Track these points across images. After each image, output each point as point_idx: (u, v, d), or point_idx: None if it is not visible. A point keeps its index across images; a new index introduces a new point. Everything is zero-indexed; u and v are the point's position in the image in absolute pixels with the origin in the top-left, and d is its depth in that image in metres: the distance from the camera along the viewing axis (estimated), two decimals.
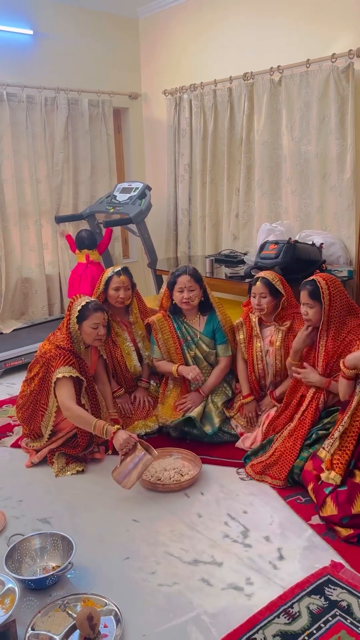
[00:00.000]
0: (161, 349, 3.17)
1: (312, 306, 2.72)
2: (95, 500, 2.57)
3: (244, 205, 4.67)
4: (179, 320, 3.19)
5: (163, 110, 5.38)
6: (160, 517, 2.43)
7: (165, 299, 3.20)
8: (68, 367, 2.73)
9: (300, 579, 2.02)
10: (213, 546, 2.23)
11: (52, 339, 2.90)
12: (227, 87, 4.63)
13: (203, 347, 3.16)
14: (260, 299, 3.00)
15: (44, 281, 5.11)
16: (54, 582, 2.02)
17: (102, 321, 2.85)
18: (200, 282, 3.13)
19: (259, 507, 2.48)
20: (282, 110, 4.25)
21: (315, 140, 4.06)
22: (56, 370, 2.71)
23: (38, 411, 2.84)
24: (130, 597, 1.97)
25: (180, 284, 3.08)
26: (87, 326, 2.80)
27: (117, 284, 3.17)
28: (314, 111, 4.03)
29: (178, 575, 2.07)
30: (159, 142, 5.61)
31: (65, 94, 4.94)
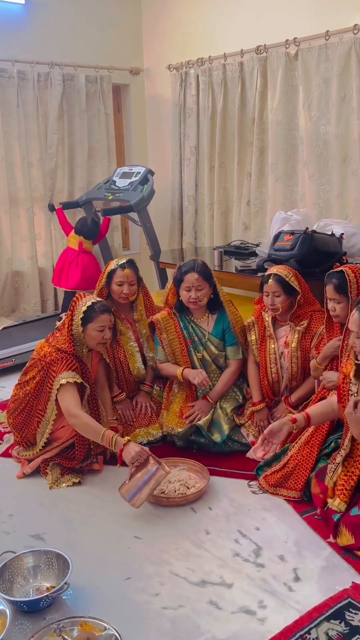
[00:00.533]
0: (165, 350, 3.17)
1: (340, 301, 2.70)
2: (94, 514, 2.58)
3: (256, 191, 4.66)
4: (185, 319, 3.19)
5: (167, 87, 5.37)
6: (164, 533, 2.43)
7: (171, 296, 3.20)
8: (71, 372, 2.74)
9: (318, 602, 2.02)
10: (222, 566, 2.23)
11: (52, 340, 2.91)
12: (238, 62, 4.63)
13: (212, 349, 3.16)
14: (274, 298, 2.99)
15: (37, 275, 5.12)
16: (49, 604, 2.03)
17: (108, 324, 2.85)
18: (209, 280, 3.11)
19: (273, 523, 2.48)
20: (298, 86, 4.25)
21: (335, 120, 4.05)
22: (58, 375, 2.72)
23: (33, 417, 2.85)
24: (132, 620, 1.97)
25: (188, 282, 3.07)
26: (91, 329, 2.80)
27: (121, 278, 3.17)
28: (333, 88, 4.02)
29: (184, 597, 2.08)
30: (162, 122, 5.61)
31: (60, 69, 4.95)
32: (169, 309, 3.22)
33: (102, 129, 5.30)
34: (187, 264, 3.12)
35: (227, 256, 4.36)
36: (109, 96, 5.33)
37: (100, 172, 5.35)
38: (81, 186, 5.25)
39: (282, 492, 2.63)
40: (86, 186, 5.27)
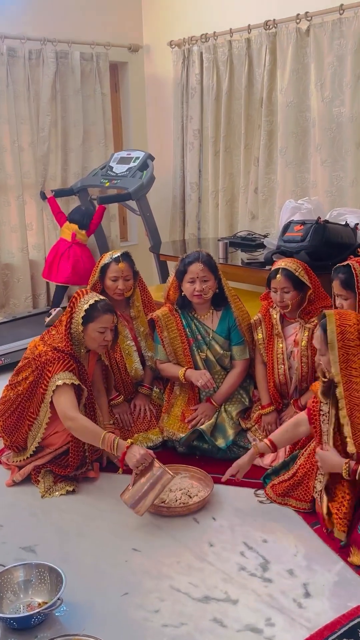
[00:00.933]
0: (166, 350, 3.17)
1: (347, 297, 2.71)
2: (89, 525, 2.58)
3: (264, 178, 4.66)
4: (188, 316, 3.19)
5: (169, 65, 5.37)
6: (165, 545, 2.44)
7: (173, 290, 3.20)
8: (68, 372, 2.74)
9: (329, 619, 2.02)
10: (227, 580, 2.24)
11: (47, 339, 2.90)
12: (245, 38, 4.62)
13: (216, 349, 3.16)
14: (283, 294, 2.99)
15: (28, 268, 5.13)
16: (41, 621, 2.03)
17: (110, 325, 2.84)
18: (215, 272, 3.12)
19: (281, 535, 2.48)
20: (310, 65, 4.24)
21: (349, 101, 4.04)
22: (54, 376, 2.72)
23: (24, 420, 2.86)
24: (129, 639, 1.97)
25: (192, 273, 3.06)
26: (92, 329, 2.80)
27: (116, 272, 3.17)
28: (348, 66, 4.01)
29: (186, 614, 2.08)
30: (163, 103, 5.60)
31: (53, 45, 4.94)
32: (170, 305, 3.22)
33: (98, 110, 5.30)
34: (190, 255, 3.12)
35: (232, 248, 4.36)
36: (105, 75, 5.32)
37: (96, 157, 5.35)
38: (75, 172, 5.25)
39: (291, 503, 2.64)
40: (81, 172, 5.27)
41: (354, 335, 2.28)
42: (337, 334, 2.29)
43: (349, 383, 2.27)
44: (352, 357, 2.27)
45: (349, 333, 2.29)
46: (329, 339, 2.30)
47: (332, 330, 2.30)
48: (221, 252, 4.16)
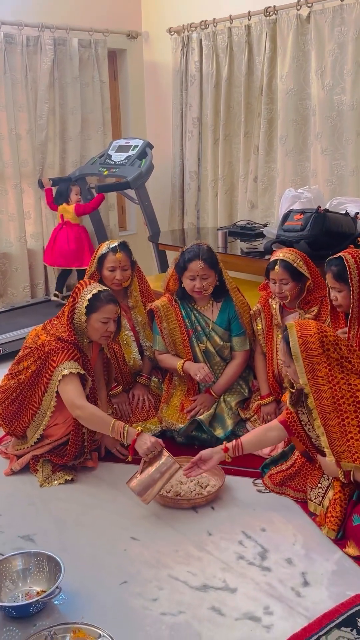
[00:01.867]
0: (165, 340, 3.17)
1: (341, 289, 2.71)
2: (87, 514, 2.59)
3: (264, 166, 4.64)
4: (188, 307, 3.18)
5: (168, 53, 5.33)
6: (163, 535, 2.45)
7: (173, 282, 3.19)
8: (73, 362, 2.74)
9: (328, 608, 2.04)
10: (225, 569, 2.25)
11: (50, 328, 2.90)
12: (244, 25, 4.59)
13: (216, 340, 3.15)
14: (281, 285, 2.98)
15: (26, 257, 5.12)
16: (39, 609, 2.04)
17: (113, 315, 2.83)
18: (215, 267, 3.09)
19: (280, 524, 2.49)
20: (310, 52, 4.21)
21: (350, 88, 4.02)
22: (60, 365, 2.72)
23: (27, 410, 2.86)
24: (128, 627, 1.99)
25: (192, 271, 3.04)
26: (95, 320, 2.79)
27: (113, 263, 3.16)
28: (349, 54, 3.99)
29: (184, 602, 2.09)
30: (162, 90, 5.57)
31: (51, 32, 4.90)
32: (170, 295, 3.20)
33: (97, 98, 5.27)
34: (191, 250, 3.08)
35: (232, 237, 4.35)
36: (104, 62, 5.29)
37: (94, 145, 5.33)
38: (74, 160, 5.23)
39: (289, 492, 2.65)
40: (79, 160, 5.25)
41: (315, 344, 2.29)
42: (300, 345, 2.30)
43: (318, 392, 2.28)
44: (317, 365, 2.28)
45: (311, 343, 2.29)
46: (292, 351, 2.31)
47: (294, 342, 2.31)
48: (220, 241, 4.15)
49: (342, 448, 2.24)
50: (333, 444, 2.26)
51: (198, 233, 5.05)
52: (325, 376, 2.27)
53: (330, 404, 2.26)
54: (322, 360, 2.28)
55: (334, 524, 2.35)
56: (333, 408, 2.25)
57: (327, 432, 2.26)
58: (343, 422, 2.24)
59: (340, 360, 2.30)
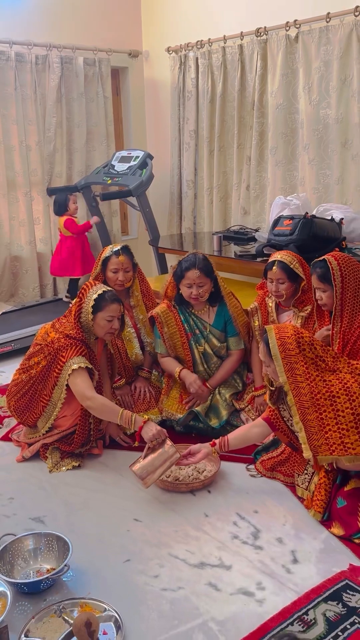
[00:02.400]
0: (166, 344, 3.13)
1: (325, 290, 2.70)
2: (93, 497, 2.59)
3: (255, 176, 4.64)
4: (186, 312, 3.14)
5: (166, 70, 5.32)
6: (163, 516, 2.45)
7: (171, 289, 3.15)
8: (81, 357, 2.74)
9: (315, 583, 2.04)
10: (221, 548, 2.25)
11: (59, 326, 2.89)
12: (237, 44, 4.58)
13: (213, 342, 3.13)
14: (278, 284, 2.98)
15: (35, 260, 5.10)
16: (49, 585, 2.05)
17: (117, 314, 2.83)
18: (211, 275, 3.06)
19: (271, 506, 2.49)
20: (298, 70, 4.20)
21: (335, 103, 4.02)
22: (69, 360, 2.72)
23: (38, 402, 2.85)
24: (132, 602, 1.99)
25: (189, 279, 3.01)
26: (101, 318, 2.79)
27: (116, 265, 3.15)
28: (334, 71, 3.98)
29: (183, 579, 2.10)
30: (161, 105, 5.56)
31: (58, 51, 4.89)
32: (169, 301, 3.17)
33: (101, 112, 5.25)
34: (187, 260, 3.04)
35: (226, 241, 4.34)
36: (107, 79, 5.27)
37: (98, 156, 5.31)
38: (79, 170, 5.21)
39: (279, 477, 2.65)
40: (84, 170, 5.24)
41: (292, 345, 2.30)
42: (278, 346, 2.31)
43: (297, 389, 2.28)
44: (295, 364, 2.29)
45: (288, 344, 2.31)
46: (272, 352, 2.32)
47: (273, 344, 2.32)
48: (215, 245, 4.14)
49: (320, 442, 2.23)
50: (311, 438, 2.25)
51: (195, 237, 5.05)
52: (303, 374, 2.29)
53: (309, 399, 2.26)
54: (299, 359, 2.29)
55: (319, 506, 2.35)
56: (311, 403, 2.26)
57: (306, 427, 2.26)
58: (321, 415, 2.25)
59: (315, 359, 2.31)
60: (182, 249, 4.66)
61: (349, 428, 2.20)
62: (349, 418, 2.21)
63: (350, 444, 2.19)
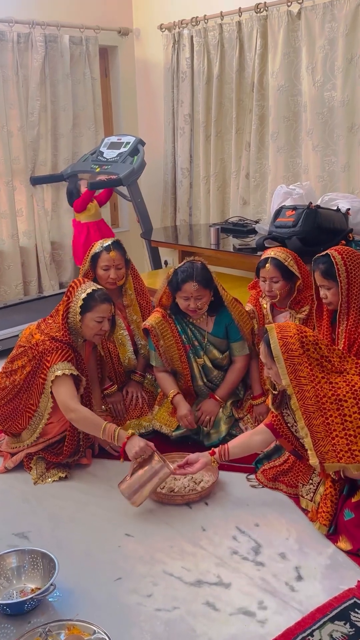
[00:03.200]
0: (162, 357, 3.08)
1: (330, 287, 2.70)
2: (82, 511, 2.59)
3: (255, 163, 4.64)
4: (183, 321, 3.09)
5: (159, 49, 5.31)
6: (157, 531, 2.45)
7: (166, 298, 3.07)
8: (67, 363, 2.72)
9: (321, 602, 2.04)
10: (219, 564, 2.25)
11: (44, 327, 2.86)
12: (235, 21, 4.58)
13: (214, 353, 3.10)
14: (272, 283, 2.97)
15: (18, 255, 5.09)
16: (34, 606, 2.04)
17: (108, 314, 2.82)
18: (210, 286, 2.99)
19: (273, 519, 2.49)
20: (301, 48, 4.21)
21: (341, 84, 4.02)
22: (53, 366, 2.70)
23: (23, 412, 2.83)
24: (123, 623, 1.99)
25: (186, 292, 2.94)
26: (90, 319, 2.77)
27: (107, 262, 3.12)
28: (339, 50, 3.98)
29: (178, 598, 2.09)
30: (154, 87, 5.56)
31: (42, 29, 4.87)
32: (163, 310, 3.09)
33: (88, 95, 5.24)
34: (184, 270, 2.95)
35: (224, 234, 4.35)
36: (95, 59, 5.26)
37: (86, 142, 5.30)
38: (66, 157, 5.20)
39: (282, 488, 2.65)
40: (71, 158, 5.23)
41: (296, 345, 2.30)
42: (280, 346, 2.31)
43: (302, 392, 2.28)
44: (299, 366, 2.29)
45: (291, 344, 2.30)
46: (273, 353, 2.32)
47: (275, 344, 2.32)
48: (213, 238, 4.14)
49: (327, 448, 2.24)
50: (317, 444, 2.25)
51: (190, 230, 5.05)
52: (307, 376, 2.29)
53: (314, 402, 2.26)
54: (303, 360, 2.30)
55: (325, 519, 2.35)
56: (317, 407, 2.26)
57: (311, 432, 2.26)
58: (327, 420, 2.25)
59: (320, 360, 2.31)
60: (176, 242, 4.66)
61: (357, 434, 2.20)
62: (356, 423, 2.21)
63: (358, 451, 2.19)
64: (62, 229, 5.31)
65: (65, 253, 5.35)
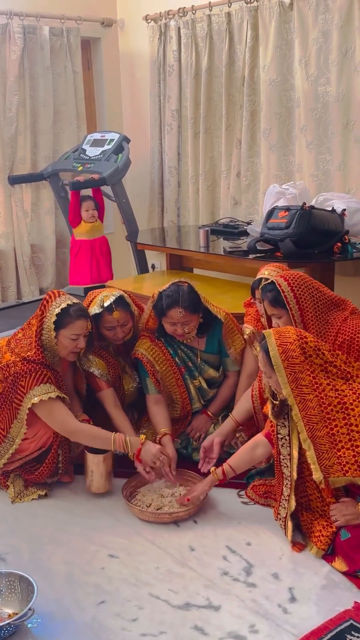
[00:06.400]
0: (159, 384, 3.05)
1: (280, 315, 2.68)
2: (63, 530, 2.59)
3: (247, 161, 4.67)
4: (173, 343, 3.08)
5: (144, 42, 5.35)
6: (143, 551, 2.45)
7: (152, 321, 3.04)
8: (44, 385, 2.69)
9: (316, 624, 2.05)
10: (209, 586, 2.25)
11: (14, 346, 2.81)
12: (225, 12, 4.61)
13: (209, 372, 3.11)
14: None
15: None
16: (11, 633, 2.04)
17: (83, 331, 2.78)
18: (198, 310, 2.96)
19: (266, 537, 2.50)
20: (294, 41, 4.25)
21: (335, 79, 4.06)
22: (29, 392, 2.67)
23: None
24: None
25: (172, 318, 2.92)
26: (64, 336, 2.73)
27: (110, 323, 2.96)
28: (333, 43, 4.03)
29: (165, 622, 2.09)
30: (139, 81, 5.59)
31: (20, 20, 4.90)
32: (151, 334, 3.07)
33: (70, 89, 5.27)
34: (169, 295, 2.92)
35: (214, 236, 4.37)
36: (77, 52, 5.29)
37: (67, 139, 5.32)
38: (46, 155, 5.22)
39: (273, 504, 2.65)
40: (52, 155, 5.24)
41: (296, 352, 2.29)
42: (280, 354, 2.29)
43: (304, 402, 2.27)
44: (300, 374, 2.28)
45: (291, 351, 2.29)
46: (273, 361, 2.29)
47: (274, 351, 2.29)
48: (202, 240, 4.16)
49: (332, 461, 2.24)
50: (321, 457, 2.25)
51: (179, 232, 5.07)
52: (310, 384, 2.28)
53: (318, 413, 2.26)
54: (304, 367, 2.28)
55: (324, 543, 2.35)
56: (320, 417, 2.26)
57: (315, 444, 2.26)
58: (332, 431, 2.25)
59: (324, 365, 2.31)
60: (164, 245, 4.68)
61: None
62: None
63: None
64: (43, 232, 5.32)
65: (46, 257, 5.36)
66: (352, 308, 2.72)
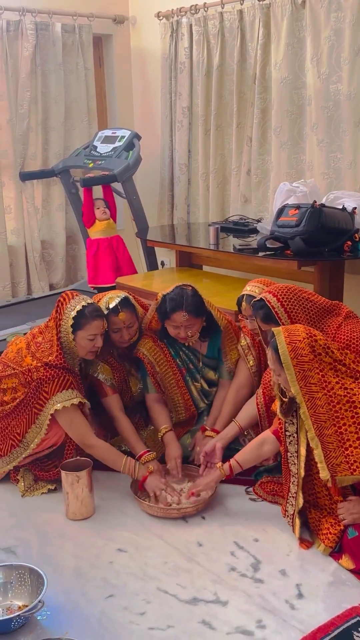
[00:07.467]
0: (158, 385, 3.07)
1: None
2: (72, 525, 2.61)
3: (257, 159, 4.67)
4: (175, 345, 3.10)
5: (156, 39, 5.35)
6: (151, 546, 2.47)
7: (155, 323, 3.06)
8: (67, 391, 2.72)
9: (323, 621, 2.06)
10: (216, 581, 2.27)
11: (35, 350, 2.82)
12: (237, 10, 4.61)
13: (210, 375, 3.13)
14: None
15: (6, 254, 5.10)
16: (21, 624, 2.06)
17: (100, 331, 2.82)
18: (201, 314, 2.99)
19: (274, 534, 2.52)
20: (306, 39, 4.24)
21: (347, 77, 4.05)
22: (52, 398, 2.70)
23: (6, 439, 2.81)
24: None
25: (175, 322, 2.94)
26: (82, 337, 2.77)
27: (116, 324, 2.99)
28: (346, 41, 4.02)
29: (173, 616, 2.11)
30: (150, 78, 5.59)
31: (33, 16, 4.91)
32: (154, 335, 3.09)
33: (81, 86, 5.27)
34: (173, 298, 2.93)
35: (224, 233, 4.37)
36: (88, 48, 5.29)
37: (78, 135, 5.33)
38: (57, 152, 5.23)
39: (281, 502, 2.66)
40: (63, 152, 5.25)
41: (306, 350, 2.30)
42: (289, 352, 2.29)
43: (312, 400, 2.28)
44: (309, 372, 2.28)
45: (301, 349, 2.30)
46: (282, 359, 2.30)
47: (283, 349, 2.30)
48: (212, 237, 4.16)
49: (339, 460, 2.24)
50: (328, 455, 2.26)
51: (188, 229, 5.07)
52: (319, 382, 2.28)
53: (326, 411, 2.27)
54: (314, 366, 2.29)
55: (331, 541, 2.36)
56: (329, 416, 2.27)
57: (323, 442, 2.27)
58: (340, 429, 2.26)
59: (333, 363, 2.31)
60: (174, 242, 4.69)
61: None
62: None
63: None
64: (53, 228, 5.34)
65: (57, 253, 5.37)
66: (346, 312, 2.71)
